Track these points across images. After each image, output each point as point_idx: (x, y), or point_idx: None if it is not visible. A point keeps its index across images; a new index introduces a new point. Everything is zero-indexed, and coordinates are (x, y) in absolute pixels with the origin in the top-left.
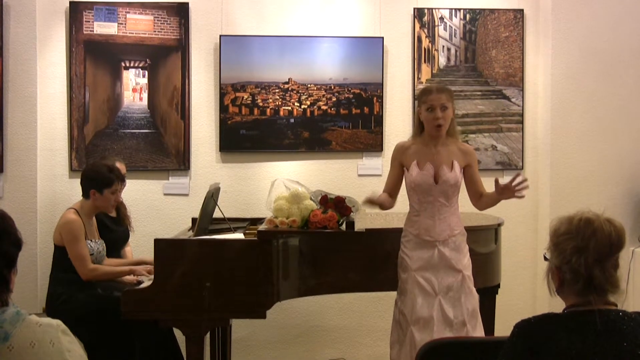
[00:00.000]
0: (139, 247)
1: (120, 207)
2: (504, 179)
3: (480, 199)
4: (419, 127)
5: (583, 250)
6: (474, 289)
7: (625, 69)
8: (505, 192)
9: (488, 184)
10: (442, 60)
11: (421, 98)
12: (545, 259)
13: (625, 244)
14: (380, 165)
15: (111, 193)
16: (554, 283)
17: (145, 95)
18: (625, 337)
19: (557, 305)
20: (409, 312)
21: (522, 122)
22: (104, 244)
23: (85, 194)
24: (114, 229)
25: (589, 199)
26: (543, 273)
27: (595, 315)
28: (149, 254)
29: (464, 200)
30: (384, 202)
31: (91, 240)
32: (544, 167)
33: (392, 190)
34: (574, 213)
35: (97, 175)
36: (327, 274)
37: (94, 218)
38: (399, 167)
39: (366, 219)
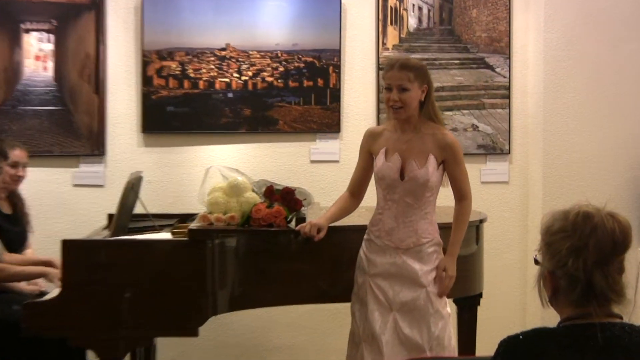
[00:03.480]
0: (44, 251)
1: (16, 203)
2: (487, 166)
3: (456, 208)
4: None
5: (581, 251)
6: (442, 310)
7: (633, 32)
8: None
9: (471, 174)
10: (412, 22)
11: (383, 73)
12: (536, 262)
13: (631, 243)
14: (337, 149)
15: None
16: (547, 291)
17: (50, 65)
18: (631, 355)
19: (551, 317)
20: (362, 323)
21: (509, 97)
22: (1, 242)
23: None
24: (9, 230)
25: (588, 190)
26: (533, 279)
27: (596, 329)
28: (56, 258)
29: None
30: (334, 216)
31: None
32: (535, 151)
33: (357, 186)
34: (570, 207)
35: None
36: (274, 282)
37: None
38: (368, 156)
39: (322, 214)
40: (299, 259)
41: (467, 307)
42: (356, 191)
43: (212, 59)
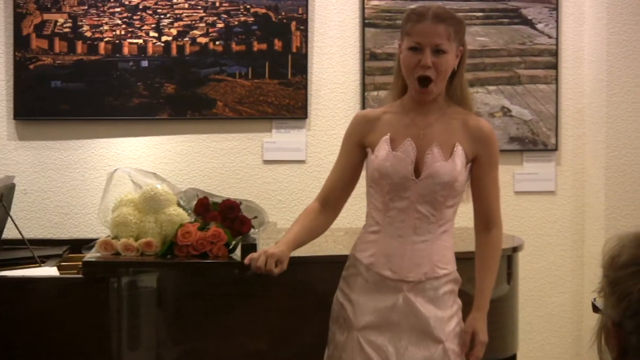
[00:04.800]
0: None
1: None
2: (524, 168)
3: (482, 240)
4: (400, 81)
5: None
6: None
7: None
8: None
9: (500, 179)
10: None
11: (405, 26)
12: (596, 309)
13: None
14: (302, 143)
15: None
16: (611, 351)
17: None
18: None
19: None
20: None
21: (556, 67)
22: None
23: None
24: None
25: None
26: (592, 334)
27: None
28: None
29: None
30: (298, 239)
31: None
32: (595, 148)
33: (333, 195)
34: None
35: None
36: (209, 338)
37: None
38: (357, 151)
39: (280, 239)
40: (247, 304)
41: None
42: (330, 201)
43: (118, 9)
